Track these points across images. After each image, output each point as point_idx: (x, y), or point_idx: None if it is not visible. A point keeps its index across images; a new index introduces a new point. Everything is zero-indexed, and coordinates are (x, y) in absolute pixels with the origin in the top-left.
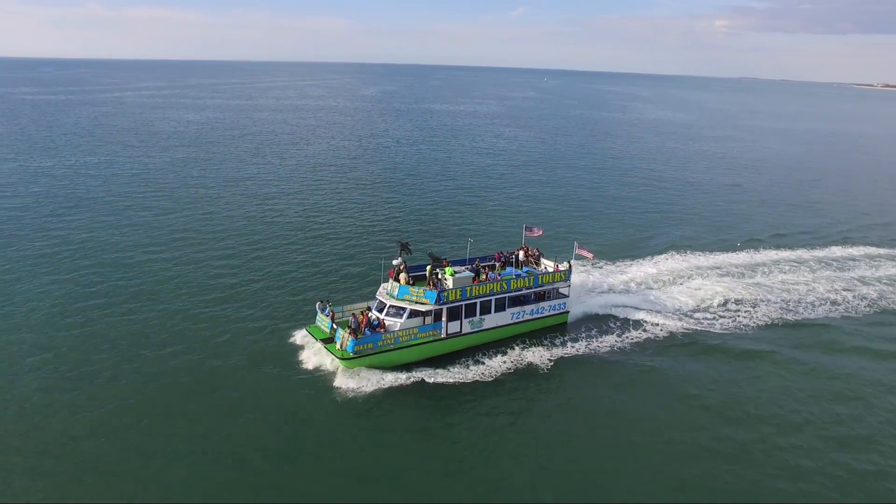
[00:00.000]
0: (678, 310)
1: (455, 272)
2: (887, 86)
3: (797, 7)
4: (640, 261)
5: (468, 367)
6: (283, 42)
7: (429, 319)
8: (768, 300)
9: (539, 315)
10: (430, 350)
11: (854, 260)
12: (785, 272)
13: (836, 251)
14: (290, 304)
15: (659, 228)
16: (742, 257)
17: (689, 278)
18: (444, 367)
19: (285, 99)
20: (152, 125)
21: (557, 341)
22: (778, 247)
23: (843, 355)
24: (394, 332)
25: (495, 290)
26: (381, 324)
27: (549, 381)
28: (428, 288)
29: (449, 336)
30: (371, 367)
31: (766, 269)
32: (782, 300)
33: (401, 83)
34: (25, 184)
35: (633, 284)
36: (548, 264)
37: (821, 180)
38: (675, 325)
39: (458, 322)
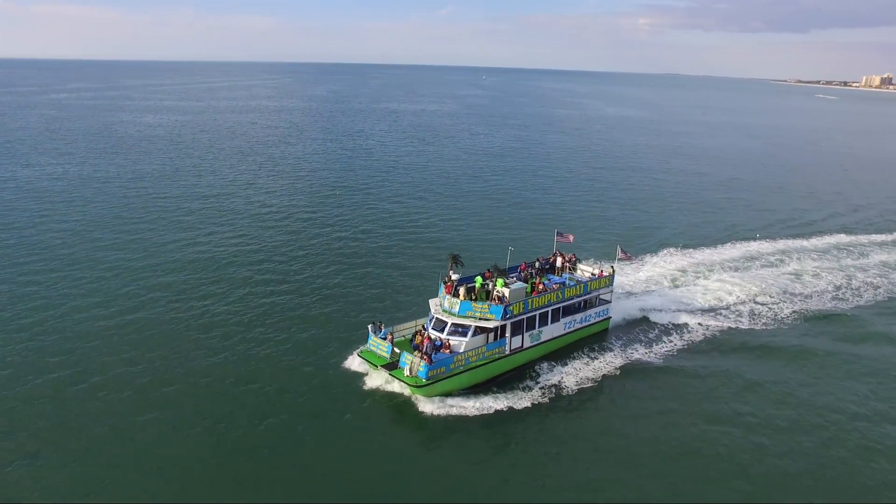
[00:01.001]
0: (705, 309)
1: (506, 283)
2: (800, 81)
3: (713, 6)
4: (645, 259)
5: (530, 384)
6: (209, 41)
7: (492, 336)
8: (784, 292)
9: (587, 323)
10: (497, 368)
11: (853, 247)
12: (788, 263)
13: (829, 240)
14: (332, 325)
15: (652, 225)
16: (741, 250)
17: (698, 275)
18: (506, 385)
19: (238, 100)
20: (118, 129)
21: (605, 349)
22: (772, 238)
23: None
24: (463, 352)
25: (552, 301)
26: (444, 344)
27: (617, 393)
28: (493, 302)
29: (512, 352)
30: (443, 393)
31: (768, 261)
32: (800, 292)
33: (343, 82)
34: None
35: (652, 285)
36: (584, 269)
37: (795, 173)
38: (711, 324)
39: (521, 336)
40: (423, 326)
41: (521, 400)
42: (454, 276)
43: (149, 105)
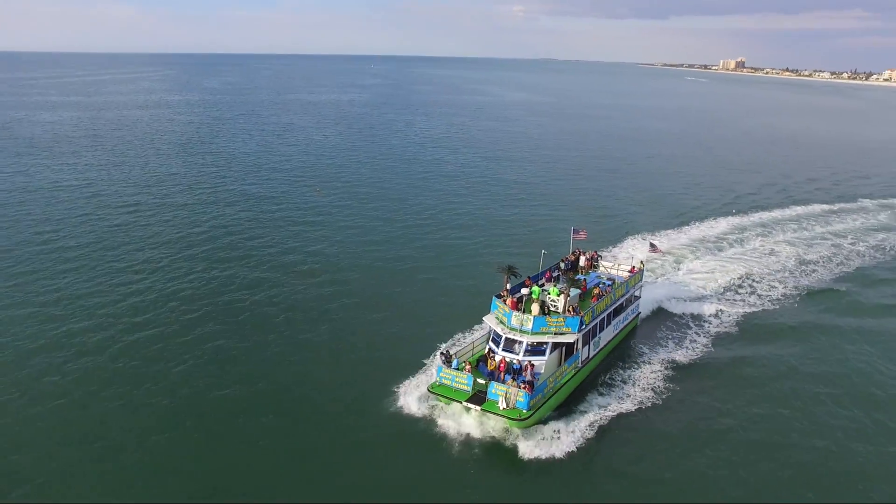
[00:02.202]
0: (709, 295)
1: (560, 290)
2: (665, 65)
3: None
4: (620, 248)
5: (589, 398)
6: (66, 31)
7: (565, 350)
8: (767, 269)
9: (626, 322)
10: (574, 384)
11: (807, 219)
12: (754, 238)
13: (788, 212)
14: (360, 361)
15: (610, 213)
16: (704, 230)
17: (678, 260)
18: (581, 400)
19: (133, 94)
20: (20, 128)
21: (643, 347)
22: (734, 213)
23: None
24: (552, 374)
25: (607, 304)
26: (525, 367)
27: (688, 397)
28: (569, 314)
29: (583, 364)
30: (539, 422)
31: (735, 238)
32: (781, 268)
33: (233, 74)
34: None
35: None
36: (606, 266)
37: (724, 151)
38: (724, 310)
39: (588, 346)
40: (490, 350)
41: (599, 417)
42: (524, 290)
43: (35, 101)
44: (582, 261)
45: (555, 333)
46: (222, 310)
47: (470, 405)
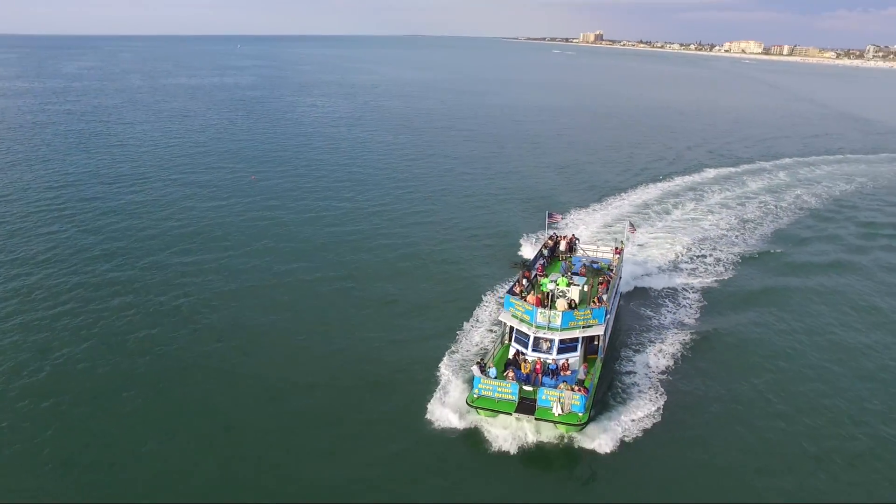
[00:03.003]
0: (668, 268)
1: (570, 282)
2: (529, 38)
3: None
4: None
5: (619, 384)
6: None
7: (588, 342)
8: (704, 237)
9: (617, 306)
10: (598, 378)
11: (730, 178)
12: (679, 206)
13: (699, 177)
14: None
15: (536, 195)
16: (634, 201)
17: (618, 235)
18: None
19: None
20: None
21: (634, 326)
22: (655, 182)
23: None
24: (590, 370)
25: (615, 289)
26: (562, 366)
27: (700, 374)
28: (594, 305)
29: (603, 356)
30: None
31: (661, 208)
32: (716, 234)
33: (89, 57)
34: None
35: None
36: (585, 248)
37: (631, 123)
38: (691, 283)
39: (606, 335)
40: (518, 352)
41: (630, 409)
42: (550, 287)
43: None
44: (562, 245)
45: (583, 327)
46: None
47: (520, 416)
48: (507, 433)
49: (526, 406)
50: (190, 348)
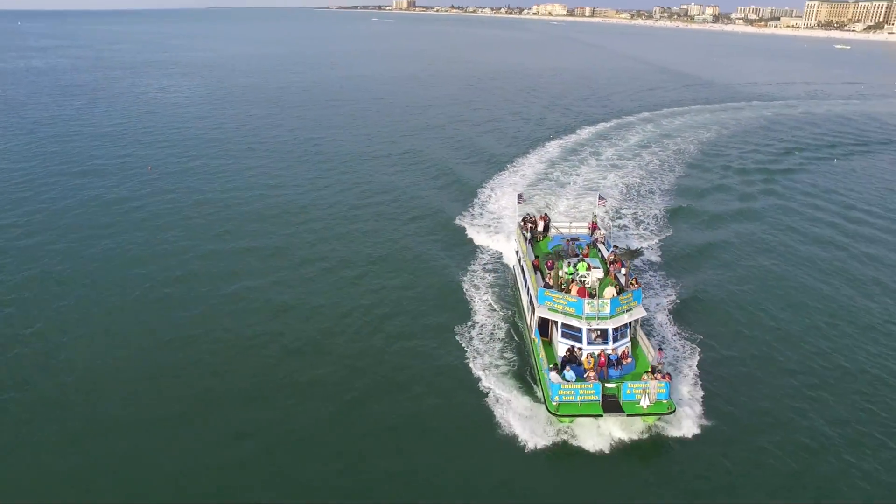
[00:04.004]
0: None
1: (588, 265)
2: (342, 7)
3: None
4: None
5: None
6: None
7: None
8: (624, 197)
9: None
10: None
11: (608, 136)
12: (579, 168)
13: (584, 134)
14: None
15: (453, 169)
16: (529, 170)
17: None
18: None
19: None
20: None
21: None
22: (535, 147)
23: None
24: (660, 357)
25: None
26: (622, 355)
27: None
28: (633, 286)
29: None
30: None
31: (563, 172)
32: (628, 194)
33: None
34: None
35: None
36: (558, 226)
37: (481, 89)
38: (640, 247)
39: None
40: (574, 347)
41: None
42: (597, 276)
43: None
44: (540, 226)
45: (627, 310)
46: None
47: (611, 415)
48: (591, 434)
49: (611, 404)
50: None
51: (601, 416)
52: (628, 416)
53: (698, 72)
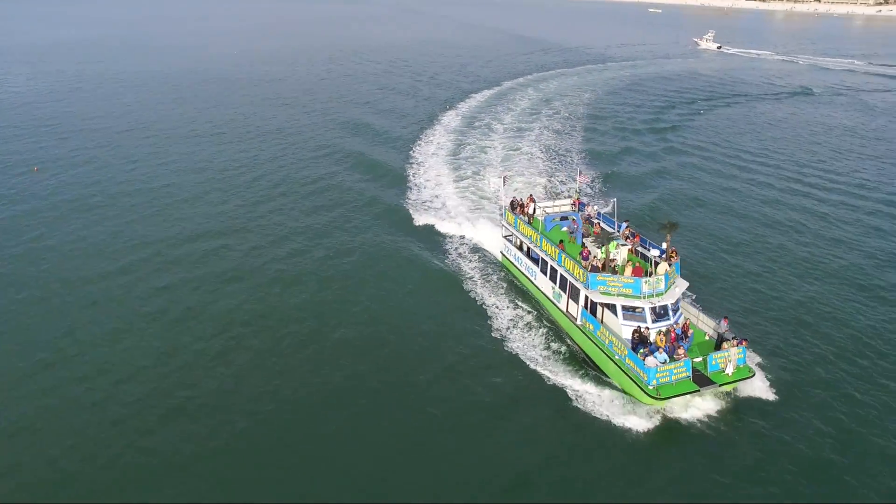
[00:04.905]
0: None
1: (617, 244)
2: None
3: None
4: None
5: None
6: None
7: None
8: (548, 164)
9: None
10: None
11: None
12: (489, 137)
13: (477, 101)
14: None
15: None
16: (439, 143)
17: (436, 184)
18: None
19: None
20: None
21: None
22: (434, 121)
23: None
24: (726, 323)
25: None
26: (684, 327)
27: None
28: (674, 258)
29: None
30: None
31: (477, 141)
32: (550, 161)
33: None
34: None
35: (434, 209)
36: (543, 206)
37: (361, 67)
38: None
39: None
40: (641, 327)
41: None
42: (656, 253)
43: None
44: (531, 208)
45: (675, 285)
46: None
47: (705, 389)
48: (686, 411)
49: (701, 378)
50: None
51: (698, 391)
52: (720, 386)
53: (546, 37)
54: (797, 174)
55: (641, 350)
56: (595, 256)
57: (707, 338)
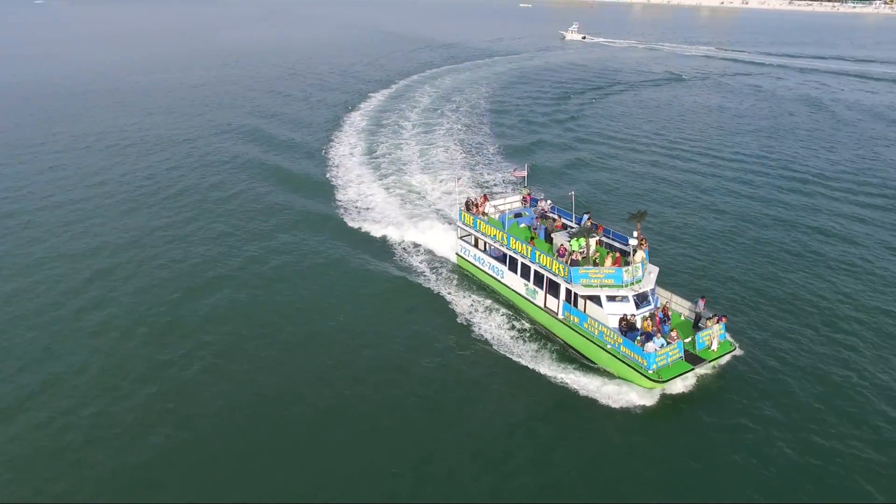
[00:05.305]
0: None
1: (585, 238)
2: None
3: None
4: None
5: None
6: None
7: None
8: (468, 166)
9: None
10: None
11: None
12: (409, 145)
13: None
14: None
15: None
16: (350, 147)
17: (360, 184)
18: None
19: None
20: None
21: None
22: (337, 125)
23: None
24: (703, 304)
25: None
26: (665, 310)
27: None
28: (644, 246)
29: None
30: None
31: (392, 147)
32: (468, 160)
33: None
34: None
35: (365, 209)
36: (495, 204)
37: (242, 69)
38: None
39: None
40: (627, 315)
41: None
42: (632, 242)
43: None
44: (486, 207)
45: (650, 270)
46: None
47: (697, 367)
48: (677, 385)
49: (692, 357)
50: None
51: (692, 369)
52: (710, 361)
53: (426, 34)
54: (700, 152)
55: (638, 337)
56: (575, 251)
57: (683, 318)
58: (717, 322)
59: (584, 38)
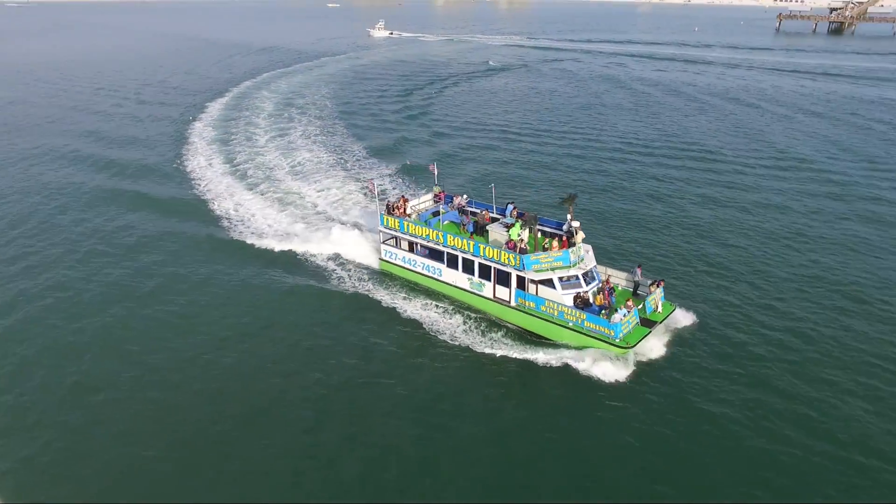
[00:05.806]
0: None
1: (520, 227)
2: None
3: None
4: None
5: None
6: None
7: None
8: (333, 172)
9: None
10: None
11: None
12: (268, 152)
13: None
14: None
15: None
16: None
17: (262, 196)
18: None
19: None
20: None
21: None
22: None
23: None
24: (640, 272)
25: None
26: (608, 282)
27: None
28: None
29: None
30: None
31: (254, 157)
32: (328, 166)
33: None
34: None
35: (270, 223)
36: (414, 204)
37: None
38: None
39: None
40: (582, 292)
41: None
42: (574, 224)
43: None
44: (406, 208)
45: (587, 249)
46: None
47: (653, 329)
48: (646, 352)
49: (645, 321)
50: None
51: (650, 332)
52: (661, 322)
53: (241, 39)
54: (558, 129)
55: (602, 311)
56: (523, 240)
57: (621, 288)
58: (658, 286)
59: (391, 33)
